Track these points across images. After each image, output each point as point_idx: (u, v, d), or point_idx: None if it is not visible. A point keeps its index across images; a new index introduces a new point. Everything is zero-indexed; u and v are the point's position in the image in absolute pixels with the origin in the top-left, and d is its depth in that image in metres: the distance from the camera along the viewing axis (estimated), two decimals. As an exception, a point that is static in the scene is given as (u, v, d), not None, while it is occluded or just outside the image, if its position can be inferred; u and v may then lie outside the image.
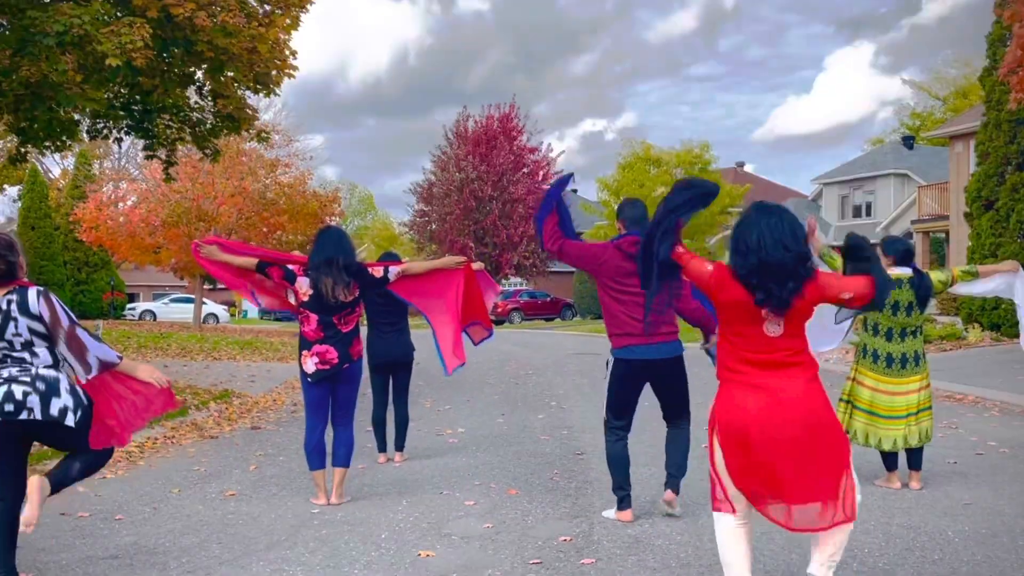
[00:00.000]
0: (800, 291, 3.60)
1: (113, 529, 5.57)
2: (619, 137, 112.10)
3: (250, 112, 12.81)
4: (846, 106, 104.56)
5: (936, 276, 6.36)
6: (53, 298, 4.32)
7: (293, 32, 12.32)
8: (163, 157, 13.82)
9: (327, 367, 5.92)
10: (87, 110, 10.74)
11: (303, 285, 5.90)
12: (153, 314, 45.91)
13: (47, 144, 13.33)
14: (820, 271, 3.73)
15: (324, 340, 5.90)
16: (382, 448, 7.75)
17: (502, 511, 5.80)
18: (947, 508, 5.70)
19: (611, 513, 5.56)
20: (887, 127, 69.58)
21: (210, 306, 39.98)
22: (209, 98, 12.95)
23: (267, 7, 11.95)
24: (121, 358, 4.46)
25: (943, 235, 30.40)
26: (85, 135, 13.83)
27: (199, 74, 12.55)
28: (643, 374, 5.45)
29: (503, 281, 43.34)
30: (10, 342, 4.24)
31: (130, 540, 5.30)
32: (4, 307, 4.23)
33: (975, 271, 6.37)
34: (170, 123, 13.67)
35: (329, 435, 6.16)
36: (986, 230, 19.97)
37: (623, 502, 5.50)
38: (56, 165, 48.91)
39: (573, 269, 44.07)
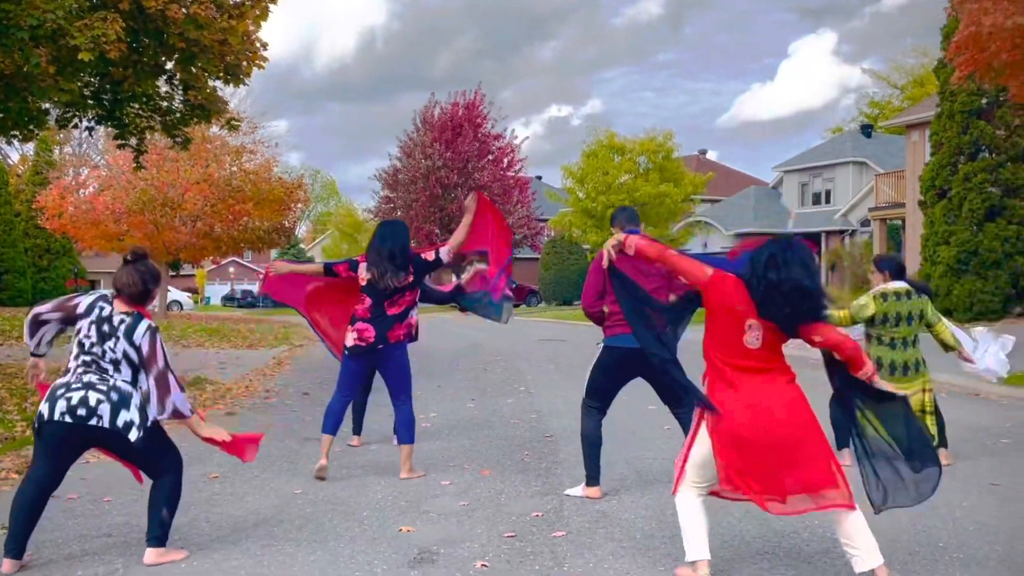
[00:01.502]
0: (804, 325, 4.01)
1: (103, 510, 5.80)
2: (585, 123, 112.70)
3: (222, 104, 12.94)
4: (809, 93, 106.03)
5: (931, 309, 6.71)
6: (159, 338, 4.61)
7: (263, 23, 12.46)
8: (133, 145, 13.88)
9: (363, 344, 6.39)
10: (61, 101, 10.81)
11: (363, 271, 6.43)
12: (116, 301, 45.57)
13: (14, 133, 13.38)
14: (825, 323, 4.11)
15: (368, 320, 6.39)
16: (357, 431, 8.03)
17: (476, 490, 6.11)
18: (893, 483, 6.08)
19: (577, 491, 5.89)
20: (847, 115, 70.64)
21: (174, 293, 39.84)
22: (180, 88, 13.05)
23: (237, -1, 12.06)
24: (192, 413, 4.73)
25: (899, 222, 31.10)
26: (54, 124, 13.86)
27: (170, 65, 12.64)
28: (629, 362, 5.71)
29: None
30: (103, 353, 4.53)
31: (121, 520, 5.53)
32: (116, 323, 4.54)
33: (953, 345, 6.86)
34: (140, 112, 13.74)
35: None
36: (939, 218, 20.58)
37: (592, 479, 5.83)
38: (15, 151, 48.31)
39: (538, 256, 44.51)
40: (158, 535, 4.65)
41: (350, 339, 6.44)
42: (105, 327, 4.55)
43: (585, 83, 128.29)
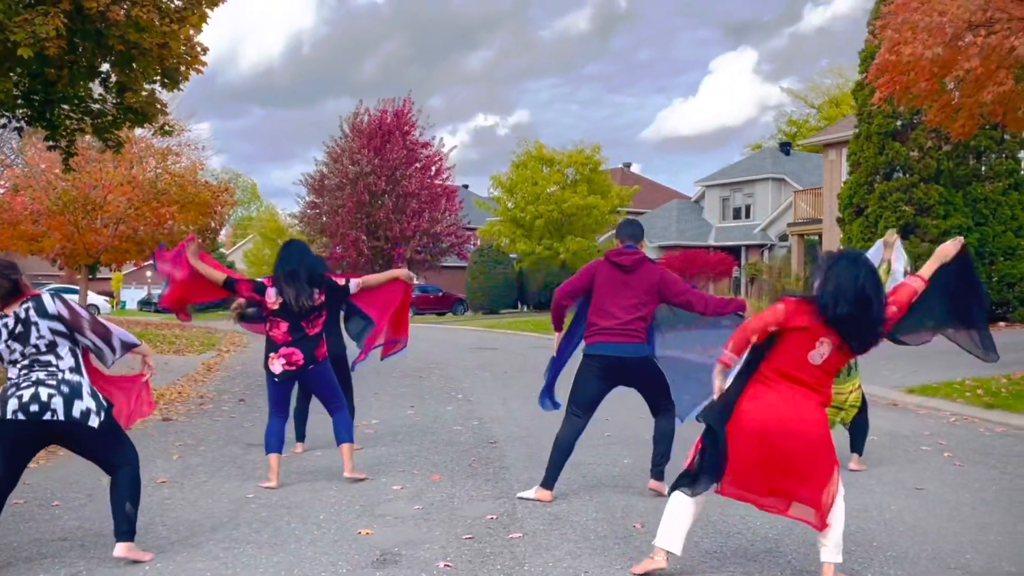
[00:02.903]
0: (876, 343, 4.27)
1: (53, 515, 5.78)
2: (512, 134, 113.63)
3: (159, 106, 12.81)
4: (730, 110, 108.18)
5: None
6: (67, 298, 4.67)
7: (204, 25, 12.39)
8: (63, 147, 13.64)
9: (293, 368, 6.38)
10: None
11: (271, 296, 6.35)
12: (29, 304, 44.23)
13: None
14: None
15: (291, 343, 6.35)
16: (300, 438, 8.08)
17: (429, 494, 6.23)
18: (825, 487, 6.41)
19: (530, 493, 6.06)
20: (766, 132, 72.56)
21: (90, 297, 38.78)
22: (115, 91, 12.87)
23: (177, 2, 11.97)
24: (140, 342, 4.84)
25: (816, 237, 32.11)
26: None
27: (105, 66, 12.47)
28: (611, 370, 5.91)
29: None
30: (36, 346, 4.54)
31: (74, 524, 5.53)
32: (23, 315, 4.53)
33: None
34: (71, 114, 13.52)
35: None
36: (857, 234, 21.37)
37: (548, 483, 6.02)
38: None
39: (464, 264, 44.60)
40: (126, 530, 4.68)
41: (277, 366, 6.39)
42: (18, 328, 4.53)
43: (512, 93, 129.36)
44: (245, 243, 70.01)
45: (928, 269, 4.46)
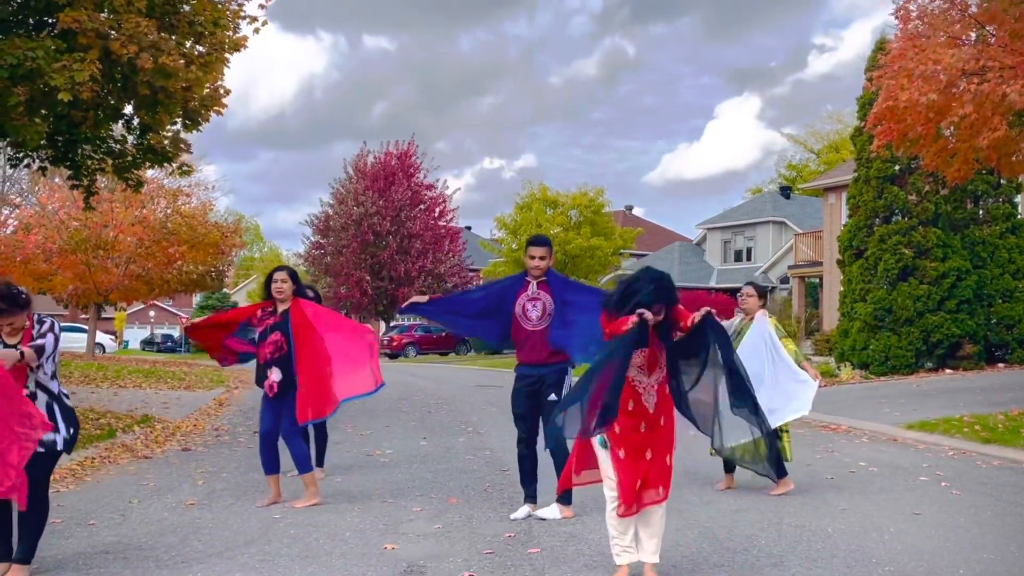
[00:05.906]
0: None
1: (91, 532, 6.07)
2: (518, 177, 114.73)
3: (183, 147, 13.24)
4: (734, 155, 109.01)
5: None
6: None
7: (225, 69, 12.83)
8: (85, 186, 14.05)
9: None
10: (32, 142, 11.00)
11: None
12: (35, 343, 44.51)
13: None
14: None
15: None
16: (320, 463, 8.43)
17: (447, 515, 6.53)
18: (827, 512, 6.71)
19: (545, 512, 6.38)
20: (767, 177, 73.31)
21: (99, 336, 39.14)
22: (137, 132, 13.30)
23: (200, 48, 12.43)
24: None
25: (817, 280, 32.47)
26: (7, 164, 13.97)
27: (128, 108, 12.90)
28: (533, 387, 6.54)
29: (398, 316, 43.82)
30: None
31: (113, 539, 5.82)
32: None
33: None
34: (92, 154, 13.95)
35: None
36: (856, 276, 21.70)
37: (566, 498, 6.42)
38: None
39: (468, 305, 44.92)
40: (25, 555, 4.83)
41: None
42: None
43: (518, 138, 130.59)
44: (249, 283, 70.53)
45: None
